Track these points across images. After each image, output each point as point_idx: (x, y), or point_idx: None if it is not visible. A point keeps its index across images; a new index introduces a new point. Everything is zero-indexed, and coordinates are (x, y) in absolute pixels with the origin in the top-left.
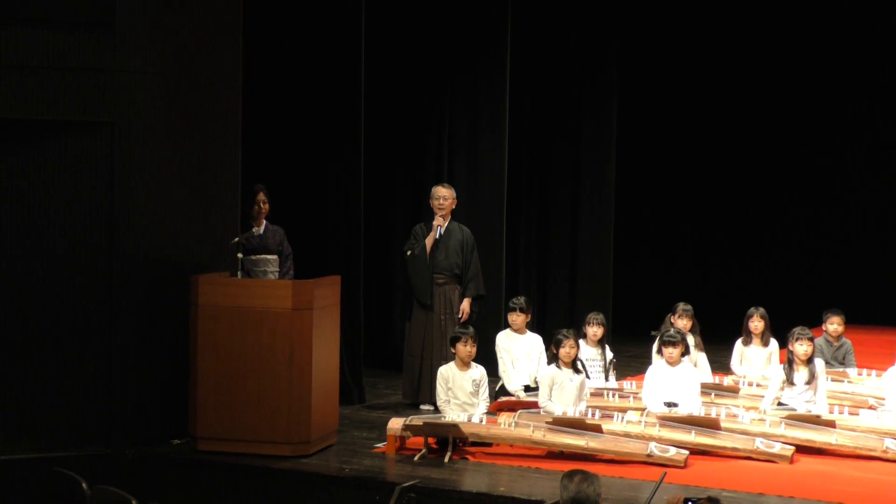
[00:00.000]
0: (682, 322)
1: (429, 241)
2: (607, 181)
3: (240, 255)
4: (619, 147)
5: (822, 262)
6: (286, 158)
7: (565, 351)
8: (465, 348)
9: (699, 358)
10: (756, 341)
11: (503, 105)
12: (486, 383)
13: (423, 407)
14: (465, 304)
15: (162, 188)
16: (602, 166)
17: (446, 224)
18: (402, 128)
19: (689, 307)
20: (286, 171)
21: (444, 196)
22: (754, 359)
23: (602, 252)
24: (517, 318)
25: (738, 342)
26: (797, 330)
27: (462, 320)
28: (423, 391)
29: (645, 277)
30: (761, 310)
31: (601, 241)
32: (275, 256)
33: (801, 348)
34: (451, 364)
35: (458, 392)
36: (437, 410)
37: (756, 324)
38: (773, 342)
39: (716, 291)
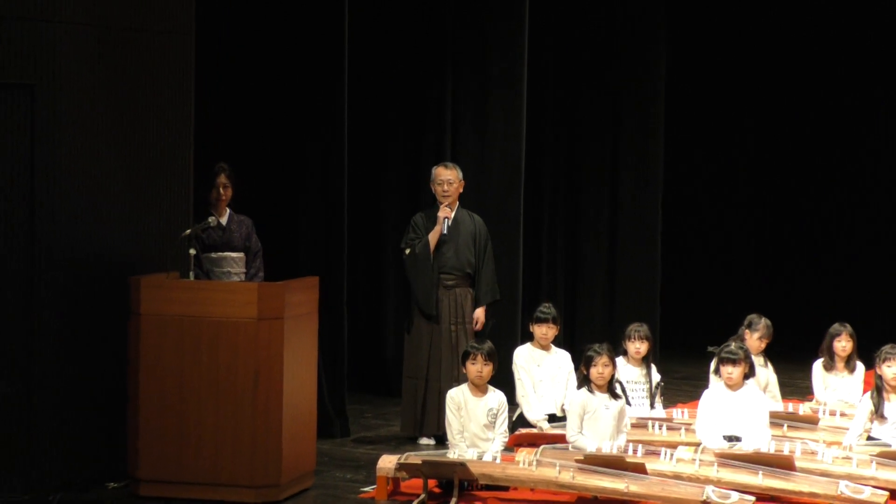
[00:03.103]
0: (758, 342)
1: (433, 237)
2: (654, 157)
3: (192, 252)
4: (668, 119)
5: None
6: (252, 131)
7: (598, 371)
8: (475, 367)
9: (770, 380)
10: (840, 365)
11: (520, 59)
12: (506, 414)
13: (422, 441)
14: (480, 313)
15: (95, 168)
16: (647, 138)
17: (453, 212)
18: (395, 90)
19: (770, 324)
20: (251, 146)
21: (448, 179)
22: (840, 388)
23: (647, 247)
24: (547, 332)
25: (818, 366)
26: (886, 349)
27: (477, 331)
28: (428, 422)
29: (700, 280)
30: (849, 327)
31: (646, 234)
32: (240, 254)
33: (891, 371)
34: (464, 387)
35: (471, 423)
36: (438, 445)
37: (843, 344)
38: (860, 366)
39: (786, 298)
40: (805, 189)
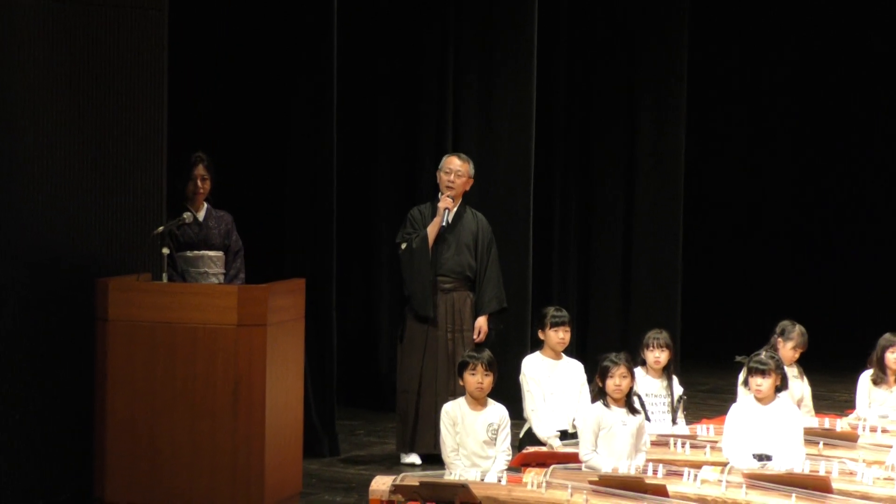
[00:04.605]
0: (792, 352)
1: (432, 230)
2: (674, 149)
3: (166, 251)
4: (690, 109)
5: None
6: (232, 117)
7: (615, 383)
8: (474, 378)
9: (805, 393)
10: (891, 379)
11: (529, 41)
12: (509, 429)
13: (406, 460)
14: (482, 322)
15: (56, 158)
16: (667, 129)
17: (455, 208)
18: (389, 72)
19: (805, 332)
20: (232, 134)
21: (457, 170)
22: (888, 403)
23: (667, 246)
24: (565, 337)
25: (865, 378)
26: None
27: (478, 342)
28: (421, 440)
29: (726, 281)
30: None
31: (665, 232)
32: (219, 253)
33: None
34: (461, 401)
35: (469, 439)
36: (425, 464)
37: (895, 356)
38: None
39: (822, 302)
40: (844, 182)
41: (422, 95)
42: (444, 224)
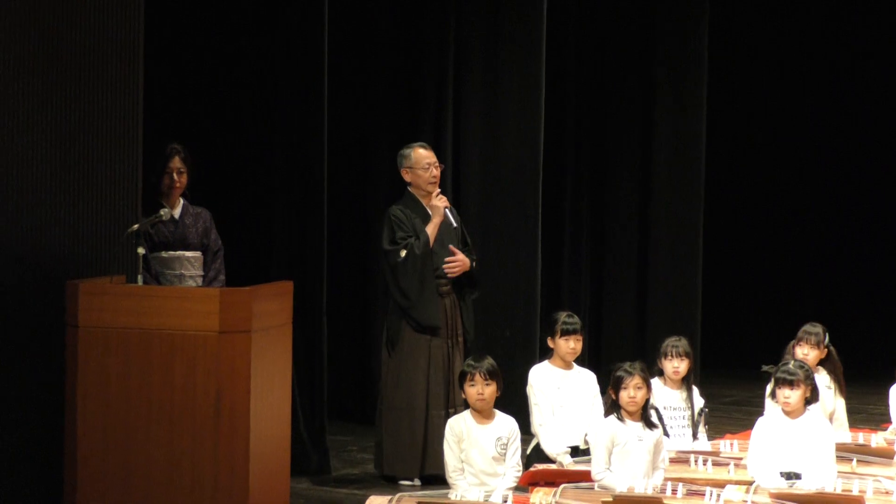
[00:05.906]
0: (806, 353)
1: (432, 232)
2: (694, 141)
3: (141, 251)
4: (711, 98)
5: None
6: (212, 106)
7: (630, 395)
8: (474, 389)
9: (837, 406)
10: None
11: (539, 23)
12: (518, 443)
13: (405, 482)
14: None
15: (25, 150)
16: (685, 119)
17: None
18: (384, 57)
19: (818, 329)
20: (211, 124)
21: (434, 162)
22: None
23: (686, 247)
24: (576, 346)
25: (895, 391)
26: None
27: (457, 272)
28: (430, 460)
29: (750, 285)
30: None
31: (685, 231)
32: (197, 253)
33: None
34: (466, 414)
35: (475, 455)
36: (424, 486)
37: None
38: None
39: (857, 308)
40: (875, 186)
41: (421, 88)
42: (454, 226)
